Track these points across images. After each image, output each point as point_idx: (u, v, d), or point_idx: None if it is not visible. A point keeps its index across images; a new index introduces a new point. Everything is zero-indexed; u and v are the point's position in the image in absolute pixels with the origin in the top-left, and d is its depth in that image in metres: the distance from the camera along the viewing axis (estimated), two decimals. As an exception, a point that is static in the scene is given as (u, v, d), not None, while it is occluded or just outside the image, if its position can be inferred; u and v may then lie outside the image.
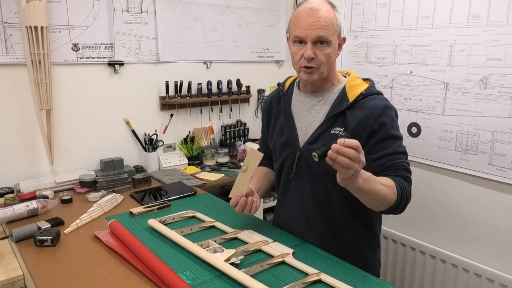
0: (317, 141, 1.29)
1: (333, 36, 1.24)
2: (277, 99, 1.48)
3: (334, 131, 1.27)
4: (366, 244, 1.38)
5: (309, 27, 1.21)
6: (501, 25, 1.76)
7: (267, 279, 1.13)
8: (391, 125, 1.25)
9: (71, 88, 2.07)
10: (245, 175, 1.32)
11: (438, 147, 2.05)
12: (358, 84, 1.31)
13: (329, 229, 1.34)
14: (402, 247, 2.24)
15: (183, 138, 2.51)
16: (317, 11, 1.22)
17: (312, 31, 1.21)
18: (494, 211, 1.89)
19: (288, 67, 2.94)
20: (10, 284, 1.31)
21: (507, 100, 1.77)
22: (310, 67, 1.25)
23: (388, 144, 1.24)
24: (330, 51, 1.24)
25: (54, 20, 1.96)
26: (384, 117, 1.24)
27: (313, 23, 1.21)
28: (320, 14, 1.21)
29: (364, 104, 1.26)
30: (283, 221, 1.47)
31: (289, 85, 1.47)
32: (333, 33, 1.23)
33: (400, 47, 2.17)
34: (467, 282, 1.97)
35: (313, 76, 1.27)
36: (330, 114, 1.29)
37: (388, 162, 1.23)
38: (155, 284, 1.12)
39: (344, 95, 1.30)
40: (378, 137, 1.24)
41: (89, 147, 2.17)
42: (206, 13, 2.47)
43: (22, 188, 1.87)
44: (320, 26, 1.21)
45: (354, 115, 1.25)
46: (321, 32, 1.21)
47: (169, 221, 1.51)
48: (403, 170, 1.24)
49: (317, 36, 1.22)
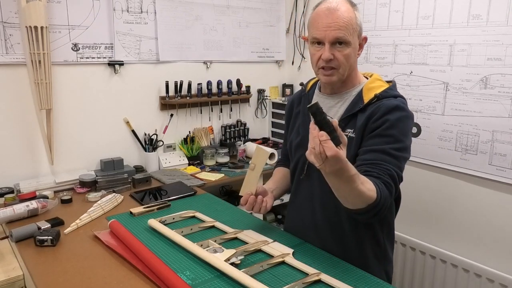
0: None
1: (353, 36, 1.20)
2: (299, 99, 1.45)
3: (345, 133, 1.23)
4: (373, 254, 1.33)
5: (326, 28, 1.18)
6: (501, 25, 1.76)
7: (267, 279, 1.13)
8: (395, 125, 1.18)
9: (71, 88, 2.07)
10: (253, 173, 1.31)
11: (438, 147, 2.05)
12: (377, 86, 1.27)
13: (334, 235, 1.32)
14: (402, 247, 2.24)
15: (183, 138, 2.51)
16: (335, 11, 1.18)
17: (330, 32, 1.18)
18: (494, 211, 1.89)
19: (288, 67, 2.94)
20: (10, 284, 1.31)
21: (507, 100, 1.77)
22: (329, 68, 1.22)
23: (382, 141, 1.17)
24: (350, 51, 1.21)
25: (54, 20, 1.96)
26: (389, 115, 1.18)
27: (330, 23, 1.18)
28: (338, 14, 1.18)
29: (377, 104, 1.22)
30: (294, 222, 1.45)
31: (311, 85, 1.44)
32: (352, 33, 1.20)
33: (400, 47, 2.17)
34: (467, 282, 1.97)
35: (332, 78, 1.24)
36: (344, 116, 1.26)
37: (374, 160, 1.15)
38: (155, 284, 1.12)
39: (360, 97, 1.26)
40: (375, 133, 1.19)
41: (89, 147, 2.17)
42: (206, 13, 2.47)
43: (22, 188, 1.87)
44: (338, 26, 1.17)
45: (364, 115, 1.22)
46: (339, 33, 1.18)
47: (169, 221, 1.51)
48: (388, 175, 1.13)
49: (334, 37, 1.18)
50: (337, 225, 1.31)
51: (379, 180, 1.11)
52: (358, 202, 1.08)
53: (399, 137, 1.18)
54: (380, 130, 1.18)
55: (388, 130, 1.18)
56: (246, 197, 1.30)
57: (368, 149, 1.18)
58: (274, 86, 2.91)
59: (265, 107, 2.86)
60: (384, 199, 1.09)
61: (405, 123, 1.20)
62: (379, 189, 1.09)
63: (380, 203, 1.08)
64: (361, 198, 1.06)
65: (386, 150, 1.16)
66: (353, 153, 1.22)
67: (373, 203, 1.07)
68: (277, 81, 2.93)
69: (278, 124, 2.83)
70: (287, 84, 2.92)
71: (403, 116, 1.20)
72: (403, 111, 1.20)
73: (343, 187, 1.04)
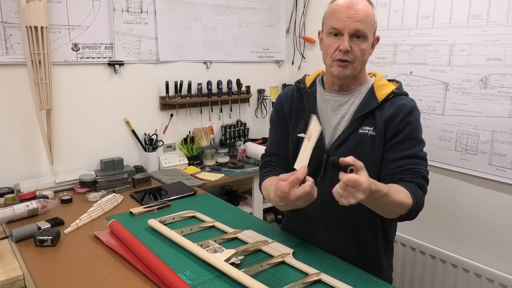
0: (346, 142, 1.25)
1: (370, 32, 1.21)
2: (298, 96, 1.37)
3: (363, 130, 1.24)
4: (384, 251, 1.33)
5: (347, 18, 1.17)
6: (501, 25, 1.76)
7: (267, 279, 1.13)
8: (416, 127, 1.23)
9: (71, 88, 2.07)
10: (309, 143, 1.18)
11: (438, 147, 2.05)
12: (386, 84, 1.29)
13: (349, 235, 1.30)
14: (402, 247, 2.24)
15: (183, 138, 2.51)
16: (357, 4, 1.18)
17: (351, 23, 1.17)
18: (494, 211, 1.89)
19: (288, 67, 2.94)
20: (10, 284, 1.31)
21: (507, 100, 1.77)
22: (345, 60, 1.20)
23: (410, 145, 1.21)
24: (366, 46, 1.21)
25: (54, 20, 1.96)
26: (411, 117, 1.21)
27: (352, 14, 1.17)
28: (360, 7, 1.18)
29: (394, 103, 1.23)
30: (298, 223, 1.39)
31: (310, 83, 1.37)
32: (370, 28, 1.20)
33: (400, 47, 2.17)
34: (467, 282, 1.97)
35: (346, 70, 1.21)
36: (358, 113, 1.25)
37: (407, 166, 1.19)
38: (155, 284, 1.12)
39: (373, 94, 1.26)
40: (401, 136, 1.21)
41: (89, 147, 2.17)
42: (206, 13, 2.47)
43: (22, 188, 1.87)
44: (359, 18, 1.17)
45: (382, 113, 1.23)
46: (360, 26, 1.17)
47: (169, 221, 1.51)
48: (421, 177, 1.19)
49: (355, 29, 1.18)
50: (352, 226, 1.30)
51: (412, 184, 1.17)
52: (398, 211, 1.14)
53: (421, 138, 1.24)
54: (405, 133, 1.21)
55: (413, 132, 1.22)
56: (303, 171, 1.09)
57: (399, 155, 1.21)
58: (274, 86, 2.91)
59: (265, 107, 2.86)
60: (419, 200, 1.16)
61: (420, 123, 1.26)
62: (413, 193, 1.14)
63: (417, 206, 1.15)
64: (400, 208, 1.12)
65: (415, 154, 1.21)
66: (378, 151, 1.23)
67: (411, 207, 1.13)
68: (277, 81, 2.93)
69: (278, 124, 2.82)
70: (287, 84, 2.92)
71: (419, 116, 1.26)
72: (418, 111, 1.25)
73: (381, 205, 1.10)
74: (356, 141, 1.24)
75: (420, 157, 1.22)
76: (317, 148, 1.19)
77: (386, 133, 1.22)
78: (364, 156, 1.15)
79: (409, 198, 1.13)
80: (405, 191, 1.13)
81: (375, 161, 1.23)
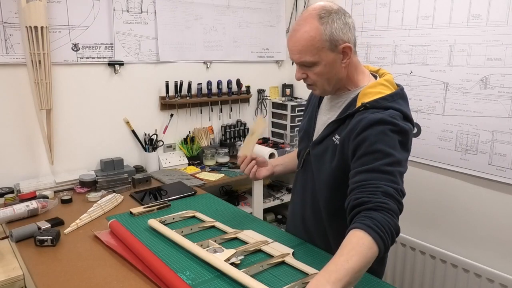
0: (321, 144, 1.25)
1: (318, 55, 1.13)
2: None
3: (334, 137, 1.20)
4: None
5: (290, 51, 1.18)
6: (501, 25, 1.76)
7: (267, 279, 1.13)
8: (378, 139, 1.07)
9: (71, 88, 2.07)
10: (251, 138, 1.44)
11: (438, 147, 2.05)
12: (374, 93, 1.17)
13: (319, 229, 1.32)
14: (402, 247, 2.24)
15: (183, 138, 2.51)
16: (295, 34, 1.14)
17: (293, 56, 1.17)
18: (494, 211, 1.89)
19: (288, 67, 2.94)
20: (10, 284, 1.32)
21: (507, 100, 1.77)
22: (308, 84, 1.23)
23: (372, 158, 1.06)
24: (320, 69, 1.15)
25: (54, 20, 1.96)
26: (369, 130, 1.08)
27: (291, 47, 1.16)
28: (297, 37, 1.13)
29: (360, 115, 1.14)
30: (290, 212, 1.49)
31: None
32: (316, 52, 1.12)
33: (400, 47, 2.17)
34: (467, 282, 1.97)
35: (316, 91, 1.25)
36: (335, 118, 1.23)
37: (363, 181, 1.04)
38: (155, 284, 1.12)
39: (354, 101, 1.20)
40: (361, 151, 1.09)
41: (89, 147, 2.17)
42: (206, 13, 2.47)
43: (22, 188, 1.87)
44: (298, 51, 1.14)
45: (348, 125, 1.16)
46: (300, 58, 1.15)
47: (169, 221, 1.51)
48: (381, 194, 1.00)
49: (298, 62, 1.17)
50: (321, 221, 1.31)
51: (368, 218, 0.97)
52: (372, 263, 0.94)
53: (388, 151, 1.06)
54: (365, 148, 1.08)
55: (373, 145, 1.07)
56: (242, 158, 1.41)
57: (357, 170, 1.07)
58: (274, 86, 2.91)
59: (265, 107, 2.86)
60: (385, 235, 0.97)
61: (391, 136, 1.08)
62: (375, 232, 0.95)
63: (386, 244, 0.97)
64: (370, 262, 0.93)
65: (376, 168, 1.04)
66: (336, 162, 1.18)
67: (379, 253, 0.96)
68: (277, 81, 2.93)
69: (278, 124, 2.83)
70: (287, 84, 2.92)
71: (388, 129, 1.08)
72: (387, 125, 1.08)
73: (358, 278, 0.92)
74: (326, 146, 1.23)
75: (382, 171, 1.04)
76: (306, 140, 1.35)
77: (346, 147, 1.15)
78: (327, 162, 1.22)
79: (372, 248, 0.93)
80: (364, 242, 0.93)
81: (333, 170, 1.20)
